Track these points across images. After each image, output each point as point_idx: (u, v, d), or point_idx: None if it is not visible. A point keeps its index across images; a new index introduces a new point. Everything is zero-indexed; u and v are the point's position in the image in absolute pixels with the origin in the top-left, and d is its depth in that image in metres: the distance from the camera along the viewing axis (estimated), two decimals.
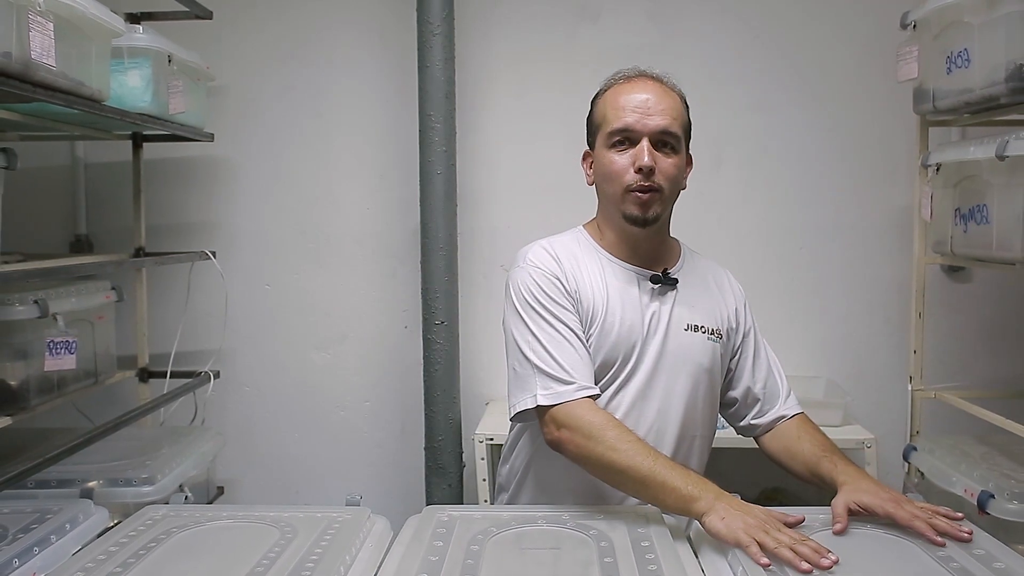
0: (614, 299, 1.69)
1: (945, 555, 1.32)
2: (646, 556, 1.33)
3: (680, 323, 1.70)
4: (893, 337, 2.79)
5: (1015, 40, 1.94)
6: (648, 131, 1.63)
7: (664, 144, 1.65)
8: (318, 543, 1.39)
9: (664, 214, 1.70)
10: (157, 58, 2.30)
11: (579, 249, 1.74)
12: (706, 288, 1.79)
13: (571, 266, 1.70)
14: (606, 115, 1.68)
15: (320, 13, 2.88)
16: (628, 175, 1.64)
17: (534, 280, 1.66)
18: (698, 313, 1.73)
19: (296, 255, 2.94)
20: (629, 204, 1.65)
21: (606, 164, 1.67)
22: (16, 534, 1.53)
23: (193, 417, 2.78)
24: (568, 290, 1.66)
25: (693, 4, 2.83)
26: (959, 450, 2.23)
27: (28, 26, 1.59)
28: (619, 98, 1.67)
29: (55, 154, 2.90)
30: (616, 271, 1.72)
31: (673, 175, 1.66)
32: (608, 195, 1.70)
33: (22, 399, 2.03)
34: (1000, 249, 2.03)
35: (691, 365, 1.69)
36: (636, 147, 1.64)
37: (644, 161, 1.61)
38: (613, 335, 1.66)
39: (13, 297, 1.97)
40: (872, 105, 2.78)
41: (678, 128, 1.66)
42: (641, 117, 1.64)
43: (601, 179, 1.71)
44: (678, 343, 1.69)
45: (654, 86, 1.68)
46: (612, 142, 1.66)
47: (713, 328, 1.73)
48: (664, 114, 1.64)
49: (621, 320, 1.67)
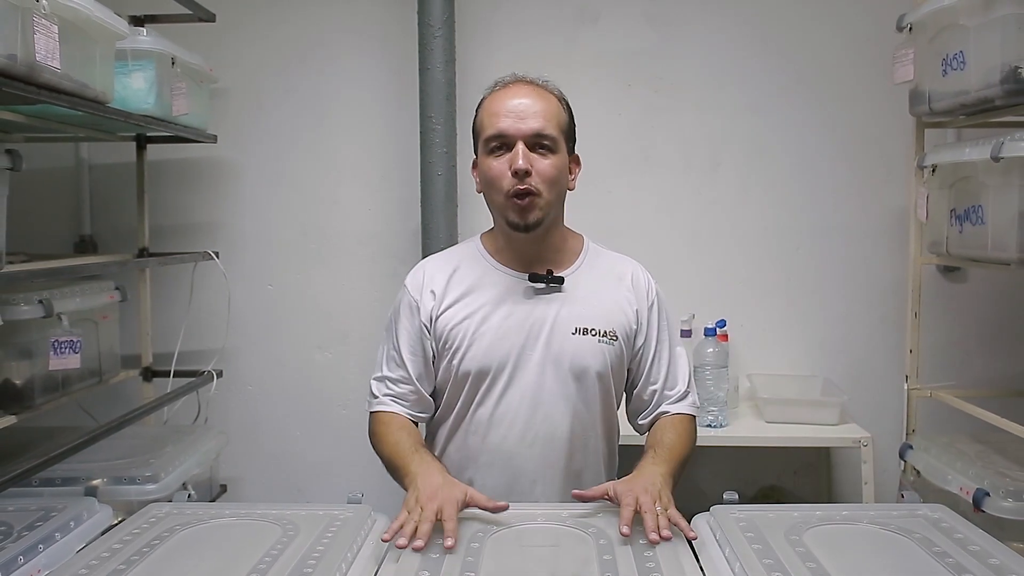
0: (490, 307, 1.72)
1: (941, 552, 1.33)
2: (644, 553, 1.34)
3: (568, 326, 1.71)
4: (889, 337, 2.80)
5: (1010, 43, 1.95)
6: (522, 134, 1.66)
7: (540, 146, 1.67)
8: (320, 541, 1.39)
9: (548, 217, 1.71)
10: (161, 60, 2.31)
11: (464, 261, 1.80)
12: (602, 289, 1.77)
13: (441, 284, 1.76)
14: (483, 122, 1.72)
15: (322, 16, 2.89)
16: (506, 180, 1.66)
17: (399, 301, 1.80)
18: (589, 315, 1.72)
19: (298, 255, 2.95)
20: (509, 211, 1.68)
21: (486, 170, 1.70)
22: (21, 531, 1.54)
23: (196, 416, 2.79)
24: (422, 316, 1.75)
25: (691, 7, 2.84)
26: (955, 448, 2.24)
27: (33, 28, 1.59)
28: (494, 104, 1.70)
29: (60, 155, 2.91)
30: (499, 278, 1.75)
31: (551, 176, 1.68)
32: (492, 202, 1.73)
33: (27, 398, 2.03)
34: (995, 250, 2.04)
35: (579, 369, 1.70)
36: (512, 151, 1.67)
37: (518, 164, 1.64)
38: (486, 343, 1.70)
39: (18, 297, 1.98)
40: (868, 107, 2.79)
41: (553, 130, 1.68)
42: (515, 121, 1.66)
43: (484, 186, 1.74)
44: (566, 347, 1.70)
45: (528, 90, 1.71)
46: (490, 148, 1.69)
47: (606, 330, 1.72)
48: (538, 116, 1.67)
49: (498, 327, 1.70)
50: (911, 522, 1.46)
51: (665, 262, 2.79)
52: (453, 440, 1.76)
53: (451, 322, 1.72)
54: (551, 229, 1.76)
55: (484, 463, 1.72)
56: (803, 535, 1.39)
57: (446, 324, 1.73)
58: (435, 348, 1.75)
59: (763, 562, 1.28)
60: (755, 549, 1.32)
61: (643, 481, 1.52)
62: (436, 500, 1.46)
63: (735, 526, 1.42)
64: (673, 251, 2.86)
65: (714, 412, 2.51)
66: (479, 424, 1.72)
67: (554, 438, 1.70)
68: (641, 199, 2.88)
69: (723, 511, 1.49)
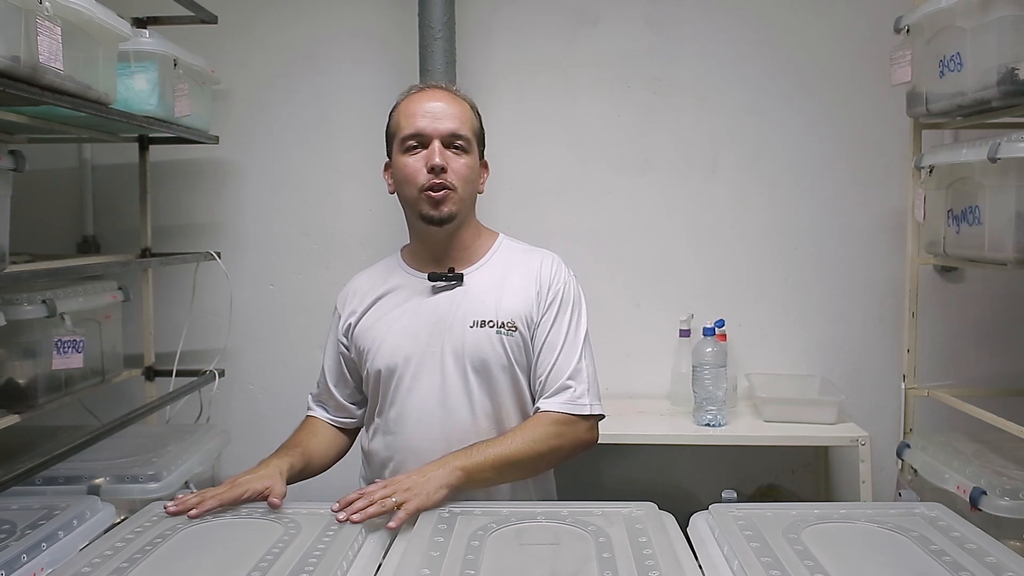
0: (399, 309, 1.79)
1: (938, 549, 1.34)
2: (643, 551, 1.34)
3: (466, 320, 1.75)
4: (887, 336, 2.81)
5: (1007, 45, 1.95)
6: (438, 134, 1.73)
7: (454, 146, 1.74)
8: (321, 539, 1.40)
9: (460, 213, 1.77)
10: (163, 62, 2.32)
11: (382, 270, 1.90)
12: (505, 282, 1.79)
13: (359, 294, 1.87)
14: (400, 123, 1.78)
15: (323, 18, 2.90)
16: (421, 176, 1.72)
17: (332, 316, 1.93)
18: (486, 308, 1.76)
19: (300, 255, 2.96)
20: (424, 204, 1.74)
21: (401, 168, 1.76)
22: (24, 530, 1.54)
23: (198, 415, 2.80)
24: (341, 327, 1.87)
25: (690, 9, 2.84)
26: (951, 447, 2.24)
27: (36, 31, 1.60)
28: (411, 106, 1.77)
29: (63, 156, 2.91)
30: (406, 280, 1.83)
31: (465, 175, 1.75)
32: (406, 199, 1.78)
33: (30, 397, 2.04)
34: (992, 250, 2.04)
35: (478, 362, 1.73)
36: (428, 149, 1.73)
37: (435, 160, 1.71)
38: (392, 342, 1.77)
39: (22, 297, 1.98)
40: (866, 108, 2.80)
41: (467, 132, 1.76)
42: (431, 121, 1.73)
43: (399, 184, 1.79)
44: (464, 341, 1.74)
45: (443, 94, 1.79)
46: (406, 147, 1.75)
47: (504, 321, 1.75)
48: (453, 118, 1.75)
49: (403, 327, 1.77)
50: (908, 520, 1.47)
51: (664, 262, 2.82)
52: (374, 440, 1.83)
53: (365, 327, 1.82)
54: (461, 228, 1.81)
55: (399, 461, 1.76)
56: (801, 533, 1.40)
57: (362, 330, 1.83)
58: (355, 355, 1.85)
59: (761, 560, 1.29)
60: (753, 547, 1.33)
61: (408, 477, 1.61)
62: (230, 484, 1.59)
63: (733, 524, 1.43)
64: (672, 251, 2.87)
65: (712, 411, 2.51)
66: (392, 423, 1.78)
67: (462, 432, 1.72)
68: (640, 199, 2.88)
69: (721, 510, 1.50)
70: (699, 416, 2.53)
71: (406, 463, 1.74)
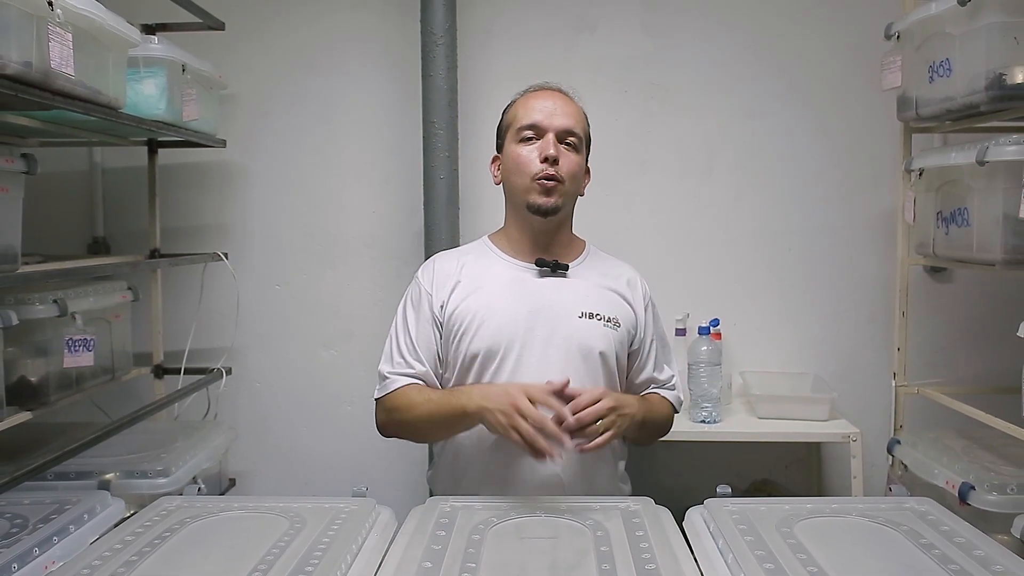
0: (499, 292, 1.80)
1: (928, 543, 1.35)
2: (640, 545, 1.36)
3: (574, 310, 1.79)
4: (878, 335, 2.82)
5: (995, 50, 1.98)
6: (554, 128, 1.78)
7: (567, 143, 1.79)
8: (325, 533, 1.42)
9: (565, 207, 1.82)
10: (171, 67, 2.32)
11: (472, 254, 1.90)
12: (606, 282, 1.87)
13: (450, 274, 1.85)
14: (517, 115, 1.83)
15: (328, 24, 2.91)
16: (535, 165, 1.77)
17: (409, 294, 1.89)
18: (593, 302, 1.81)
19: (305, 256, 2.97)
20: (534, 193, 1.78)
21: (514, 157, 1.81)
22: (36, 524, 1.56)
23: (206, 412, 2.82)
24: (433, 305, 1.83)
25: (686, 16, 2.86)
26: (941, 443, 2.26)
27: (48, 37, 1.61)
28: (529, 101, 1.83)
29: (73, 159, 2.92)
30: (506, 267, 1.85)
31: (574, 171, 1.80)
32: (515, 187, 1.82)
33: (42, 394, 2.05)
34: (980, 251, 2.06)
35: (585, 349, 1.77)
36: (543, 140, 1.77)
37: (549, 151, 1.76)
38: (495, 325, 1.77)
39: (34, 297, 1.99)
40: (858, 112, 2.81)
41: (580, 131, 1.82)
42: (549, 116, 1.79)
43: (509, 172, 1.84)
44: (570, 329, 1.78)
45: (561, 95, 1.85)
46: (521, 137, 1.80)
47: (610, 316, 1.81)
48: (568, 116, 1.80)
49: (506, 310, 1.78)
50: (899, 515, 1.49)
51: (660, 263, 2.81)
52: None
53: (460, 307, 1.80)
54: (562, 224, 1.86)
55: (494, 445, 1.75)
56: (794, 527, 1.42)
57: (455, 309, 1.80)
58: (443, 335, 1.82)
59: (755, 553, 1.30)
60: (747, 541, 1.35)
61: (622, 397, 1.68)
62: (515, 397, 1.57)
63: (728, 518, 1.45)
64: (668, 252, 2.89)
65: (708, 408, 2.52)
66: None
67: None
68: (637, 201, 2.90)
69: (716, 504, 1.52)
70: (695, 413, 2.54)
71: (502, 447, 1.71)
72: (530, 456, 1.57)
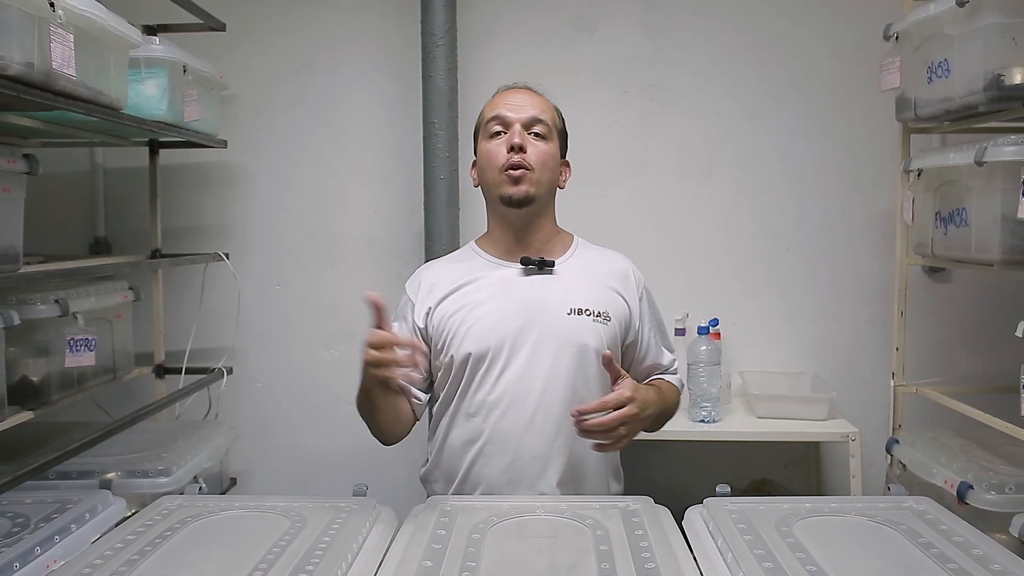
0: (486, 295, 1.80)
1: (926, 542, 1.35)
2: (640, 544, 1.36)
3: (562, 308, 1.79)
4: (876, 335, 2.83)
5: (993, 51, 1.98)
6: (519, 119, 1.80)
7: (534, 132, 1.80)
8: (326, 532, 1.42)
9: (539, 197, 1.81)
10: (173, 68, 2.32)
11: (458, 260, 1.92)
12: (593, 277, 1.87)
13: (436, 281, 1.86)
14: (485, 113, 1.86)
15: (328, 25, 2.91)
16: (501, 156, 1.79)
17: (398, 304, 1.90)
18: (582, 298, 1.81)
19: (306, 256, 2.97)
20: (504, 184, 1.79)
21: (483, 153, 1.83)
22: (38, 523, 1.56)
23: (207, 411, 2.82)
24: (415, 315, 1.84)
25: (685, 17, 2.87)
26: (939, 443, 2.26)
27: (49, 38, 1.61)
28: (495, 99, 1.86)
29: (75, 160, 2.93)
30: (492, 269, 1.85)
31: (543, 159, 1.80)
32: (488, 182, 1.84)
33: (44, 394, 2.05)
34: (978, 251, 2.06)
35: (575, 347, 1.77)
36: (509, 131, 1.80)
37: (514, 140, 1.77)
38: (484, 327, 1.77)
39: (35, 297, 1.99)
40: (857, 113, 2.82)
41: (548, 119, 1.82)
42: (513, 108, 1.81)
43: (481, 170, 1.86)
44: (560, 327, 1.77)
45: (525, 90, 1.87)
46: (490, 133, 1.82)
47: (599, 311, 1.80)
48: (533, 106, 1.82)
49: (494, 312, 1.78)
50: (897, 514, 1.49)
51: (660, 263, 2.81)
52: (454, 426, 1.81)
53: (447, 313, 1.81)
54: (541, 217, 1.86)
55: (485, 445, 1.76)
56: (793, 526, 1.42)
57: (443, 315, 1.81)
58: (432, 341, 1.83)
59: (754, 552, 1.30)
60: (746, 540, 1.35)
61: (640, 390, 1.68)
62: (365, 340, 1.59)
63: (727, 518, 1.44)
64: (668, 252, 2.89)
65: (707, 408, 2.53)
66: (479, 407, 1.77)
67: (551, 413, 1.74)
68: (637, 202, 2.91)
69: (715, 503, 1.52)
70: (694, 412, 2.55)
71: (494, 447, 1.75)
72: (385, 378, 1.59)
